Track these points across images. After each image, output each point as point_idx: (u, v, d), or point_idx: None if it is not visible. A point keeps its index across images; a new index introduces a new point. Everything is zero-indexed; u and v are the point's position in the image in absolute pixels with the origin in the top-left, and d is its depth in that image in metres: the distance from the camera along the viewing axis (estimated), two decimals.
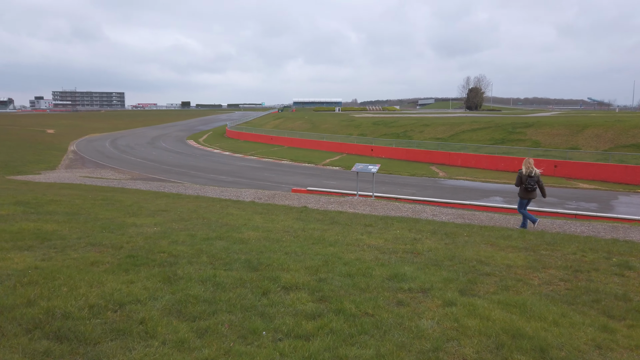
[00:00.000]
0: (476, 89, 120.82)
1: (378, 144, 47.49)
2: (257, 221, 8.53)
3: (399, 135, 51.24)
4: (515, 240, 7.18)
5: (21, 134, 61.13)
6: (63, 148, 50.41)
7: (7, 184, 17.84)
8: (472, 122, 49.86)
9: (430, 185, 29.27)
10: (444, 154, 40.79)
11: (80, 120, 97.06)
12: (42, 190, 14.32)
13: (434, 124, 52.41)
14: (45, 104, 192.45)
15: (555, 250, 6.58)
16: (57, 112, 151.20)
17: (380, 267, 5.24)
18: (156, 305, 3.81)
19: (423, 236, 7.34)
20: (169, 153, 48.50)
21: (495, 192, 26.70)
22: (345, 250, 6.03)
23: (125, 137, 67.76)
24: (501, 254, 6.19)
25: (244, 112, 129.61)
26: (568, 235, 8.34)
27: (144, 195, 13.90)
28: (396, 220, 9.59)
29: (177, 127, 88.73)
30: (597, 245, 6.98)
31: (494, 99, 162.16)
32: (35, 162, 37.49)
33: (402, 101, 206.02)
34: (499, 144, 40.89)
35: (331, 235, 7.14)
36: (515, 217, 12.67)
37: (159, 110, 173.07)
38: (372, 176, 17.18)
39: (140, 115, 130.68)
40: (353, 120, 65.24)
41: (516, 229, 9.46)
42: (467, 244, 6.80)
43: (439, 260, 5.67)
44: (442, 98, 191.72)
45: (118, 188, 17.36)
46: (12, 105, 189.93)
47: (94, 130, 76.06)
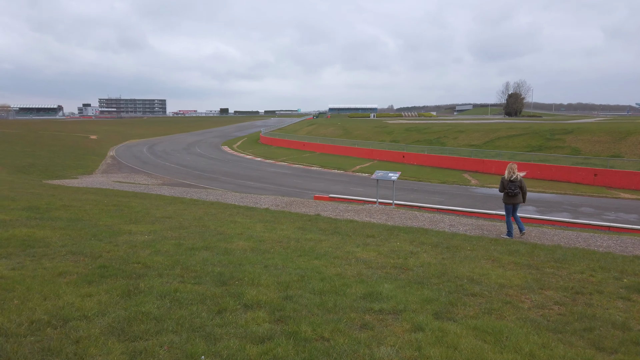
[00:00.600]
0: (516, 95, 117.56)
1: (410, 151, 46.74)
2: (256, 230, 8.34)
3: (432, 142, 50.28)
4: (521, 256, 6.69)
5: (66, 140, 63.56)
6: (102, 153, 52.05)
7: (37, 188, 18.40)
8: (509, 128, 48.35)
9: (460, 193, 28.44)
10: (477, 161, 39.69)
11: (122, 127, 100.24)
12: (65, 194, 14.65)
13: (469, 130, 51.15)
14: (92, 110, 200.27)
15: (562, 268, 6.06)
16: (102, 118, 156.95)
17: (358, 284, 4.92)
18: (102, 323, 3.65)
19: (422, 249, 6.95)
20: (203, 159, 49.28)
21: (528, 201, 25.55)
22: (330, 264, 5.74)
23: (163, 143, 69.44)
24: (498, 271, 5.74)
25: (279, 119, 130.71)
26: (584, 250, 7.73)
27: (159, 201, 13.99)
28: (403, 231, 9.19)
29: (213, 133, 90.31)
30: (612, 264, 6.40)
31: (534, 105, 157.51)
32: (75, 167, 38.83)
33: (440, 107, 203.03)
34: (535, 151, 39.45)
35: (324, 246, 6.85)
36: (538, 229, 12.00)
37: (197, 117, 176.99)
38: (393, 184, 16.73)
39: (180, 121, 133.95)
40: (386, 126, 64.55)
41: (528, 242, 8.87)
42: (465, 259, 6.37)
43: (426, 278, 5.29)
44: (480, 104, 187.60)
45: (140, 193, 17.60)
46: (61, 112, 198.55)
47: (134, 137, 78.33)
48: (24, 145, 51.16)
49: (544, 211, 22.62)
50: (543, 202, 25.18)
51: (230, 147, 64.32)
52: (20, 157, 40.99)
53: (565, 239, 10.28)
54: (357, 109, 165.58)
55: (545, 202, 25.21)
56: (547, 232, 11.37)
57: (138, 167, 40.06)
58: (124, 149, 57.91)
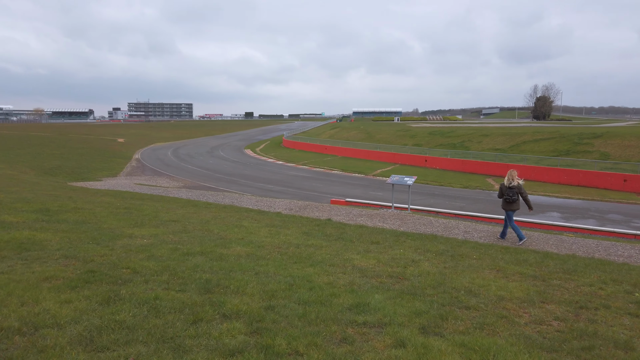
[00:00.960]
0: (544, 98, 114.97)
1: (432, 155, 46.11)
2: (259, 235, 8.22)
3: (456, 146, 49.48)
4: (529, 267, 6.37)
5: (94, 143, 65.01)
6: (128, 156, 52.99)
7: (58, 190, 18.75)
8: (535, 132, 47.23)
9: (482, 198, 27.83)
10: (501, 166, 38.82)
11: (148, 130, 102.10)
12: (81, 197, 14.86)
13: (494, 134, 50.19)
14: (122, 114, 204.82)
15: (570, 280, 5.73)
16: (130, 122, 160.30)
17: (348, 294, 4.72)
18: (72, 331, 3.56)
19: (425, 257, 6.70)
20: (225, 162, 49.67)
21: (553, 207, 24.92)
22: (323, 272, 5.56)
23: (188, 146, 70.35)
24: (501, 282, 5.46)
25: (303, 122, 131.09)
26: (599, 261, 7.34)
27: (172, 204, 14.04)
28: (411, 237, 8.93)
29: (237, 136, 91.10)
30: (626, 276, 6.03)
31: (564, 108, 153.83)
32: (101, 169, 39.61)
33: (465, 110, 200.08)
34: (563, 156, 38.36)
35: (323, 253, 6.68)
36: (558, 236, 11.55)
37: (223, 120, 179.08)
38: (409, 188, 16.42)
39: (205, 125, 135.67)
40: (409, 130, 63.92)
41: (540, 251, 8.49)
42: (468, 269, 6.10)
43: (421, 288, 5.06)
44: (507, 107, 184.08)
45: (156, 196, 17.74)
46: (92, 116, 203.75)
47: (159, 140, 79.64)
48: (53, 148, 52.52)
49: (569, 218, 21.90)
50: (569, 208, 24.41)
51: (253, 150, 64.70)
52: (49, 159, 42.05)
53: (584, 247, 9.85)
54: (381, 112, 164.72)
55: (570, 208, 24.43)
56: (565, 240, 10.93)
57: (161, 170, 40.60)
58: (149, 152, 58.86)
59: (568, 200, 27.33)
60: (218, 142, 77.11)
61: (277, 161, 51.28)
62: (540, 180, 35.40)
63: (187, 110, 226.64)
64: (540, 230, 13.68)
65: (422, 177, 37.95)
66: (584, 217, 22.19)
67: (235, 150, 64.10)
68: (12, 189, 16.32)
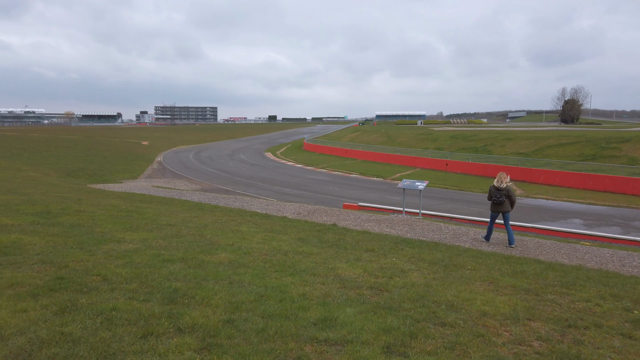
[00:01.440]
0: (573, 101, 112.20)
1: (454, 159, 45.32)
2: (252, 241, 8.03)
3: (478, 150, 48.57)
4: (525, 279, 5.99)
5: (118, 146, 66.23)
6: (150, 159, 53.76)
7: (72, 192, 19.00)
8: (560, 136, 45.94)
9: None
10: (524, 170, 37.89)
11: (173, 133, 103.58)
12: (90, 199, 14.98)
13: (518, 137, 49.06)
14: (149, 117, 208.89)
15: (567, 294, 5.34)
16: (157, 125, 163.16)
17: (319, 307, 4.47)
18: (13, 344, 3.42)
19: (416, 267, 6.38)
20: (245, 165, 49.90)
21: (575, 213, 24.09)
22: (300, 283, 5.32)
23: (210, 149, 71.03)
24: (489, 295, 5.11)
25: (325, 126, 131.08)
26: (605, 273, 6.88)
27: (178, 207, 14.01)
28: (410, 244, 8.60)
29: (259, 140, 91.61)
30: (629, 291, 5.60)
31: (595, 112, 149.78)
32: (122, 171, 40.22)
33: (491, 114, 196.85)
34: (589, 161, 37.18)
35: (309, 261, 6.43)
36: (570, 245, 11.03)
37: (246, 123, 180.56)
38: (420, 193, 16.04)
39: (229, 128, 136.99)
40: (430, 133, 63.09)
41: (544, 262, 8.02)
42: (458, 280, 5.76)
43: (399, 302, 4.75)
44: (535, 111, 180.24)
45: (166, 199, 17.79)
46: (120, 119, 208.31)
47: (183, 142, 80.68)
48: (79, 150, 53.66)
49: (591, 225, 21.10)
50: (592, 215, 23.55)
51: (274, 153, 64.86)
52: (73, 161, 42.94)
53: (597, 257, 9.35)
54: (404, 115, 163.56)
55: (594, 215, 23.57)
56: (579, 249, 10.42)
57: (181, 173, 40.99)
58: (172, 155, 59.61)
59: (592, 206, 26.39)
60: (240, 145, 77.64)
61: (296, 164, 51.25)
62: (565, 185, 34.36)
63: (212, 114, 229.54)
64: (555, 238, 13.13)
65: (441, 182, 37.31)
66: (607, 224, 21.35)
67: (255, 154, 64.38)
68: (26, 191, 16.59)
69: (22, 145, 53.06)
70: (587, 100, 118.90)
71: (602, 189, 31.69)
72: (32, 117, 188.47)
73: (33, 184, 22.07)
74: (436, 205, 26.10)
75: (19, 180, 23.87)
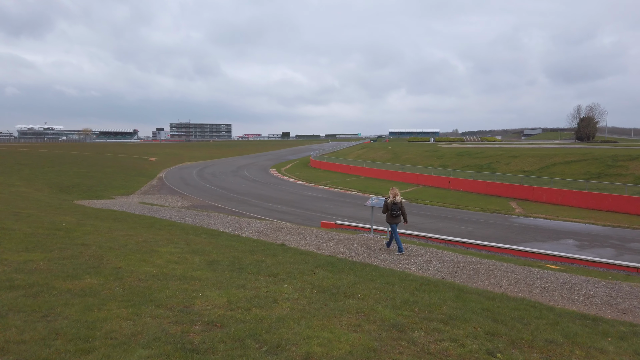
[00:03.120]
0: (588, 119, 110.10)
1: (457, 176, 44.31)
2: (150, 263, 7.28)
3: (483, 167, 47.49)
4: (407, 311, 5.13)
5: (124, 162, 66.59)
6: (152, 175, 53.75)
7: (42, 208, 18.65)
8: (567, 154, 44.65)
9: (496, 223, 26.06)
10: (527, 189, 36.73)
11: (183, 150, 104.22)
12: (48, 215, 14.56)
13: (523, 155, 47.87)
14: (164, 134, 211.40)
15: (439, 331, 4.51)
16: (171, 141, 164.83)
17: (106, 348, 3.75)
18: None
19: (299, 295, 5.61)
20: (245, 181, 49.50)
21: (571, 233, 22.94)
22: (129, 316, 4.54)
23: (215, 165, 71.02)
24: (340, 332, 4.30)
25: (337, 142, 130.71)
26: (523, 303, 6.01)
27: (128, 225, 13.46)
28: (329, 268, 7.82)
29: (267, 156, 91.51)
30: (515, 329, 4.74)
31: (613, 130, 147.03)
32: (119, 187, 40.08)
33: (507, 131, 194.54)
34: (594, 179, 35.91)
35: (178, 289, 5.62)
36: (525, 269, 10.13)
37: (259, 140, 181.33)
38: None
39: (240, 145, 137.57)
40: (436, 150, 62.13)
41: (458, 288, 7.14)
42: (329, 312, 4.97)
43: (216, 343, 3.96)
44: (551, 128, 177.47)
45: (134, 215, 17.30)
46: (136, 136, 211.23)
47: (190, 159, 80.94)
48: (82, 166, 53.93)
49: (584, 246, 19.98)
50: (588, 235, 22.40)
51: (279, 170, 64.49)
52: (72, 177, 43.02)
53: (547, 283, 8.50)
54: (417, 133, 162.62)
55: (589, 235, 22.40)
56: (533, 273, 9.56)
57: (178, 189, 40.71)
58: (175, 171, 59.61)
59: (591, 226, 25.19)
60: (246, 162, 77.53)
61: (297, 181, 50.71)
62: (568, 204, 33.11)
63: (226, 131, 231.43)
64: (521, 261, 12.20)
65: (440, 199, 36.32)
66: (602, 245, 20.19)
67: (260, 170, 64.07)
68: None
69: (27, 160, 53.58)
70: (603, 117, 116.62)
71: (605, 209, 30.43)
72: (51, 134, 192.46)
73: (11, 199, 21.83)
74: (426, 223, 25.19)
75: (1, 196, 23.69)
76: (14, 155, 59.13)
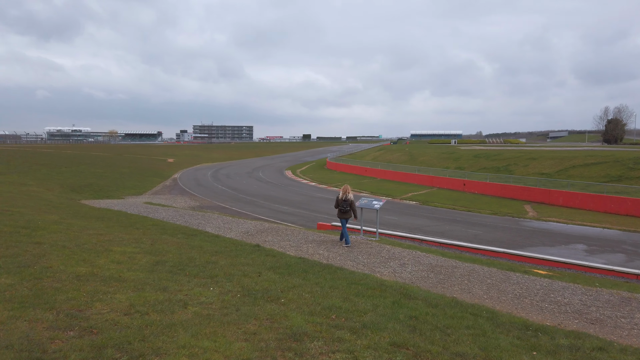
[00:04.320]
0: (616, 121, 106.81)
1: (472, 178, 43.30)
2: (93, 263, 6.97)
3: (500, 169, 46.27)
4: (333, 319, 4.67)
5: (142, 162, 67.39)
6: (167, 175, 54.15)
7: (40, 209, 18.76)
8: (587, 156, 43.14)
9: (505, 226, 25.19)
10: (543, 192, 35.58)
11: (202, 151, 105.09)
12: (40, 215, 14.56)
13: (542, 157, 46.47)
14: (188, 136, 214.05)
15: (336, 341, 4.03)
16: (193, 143, 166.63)
17: None
18: None
19: (216, 299, 5.12)
20: (258, 182, 49.40)
21: (582, 238, 21.96)
22: None
23: (231, 166, 71.27)
24: (220, 342, 3.88)
25: (356, 145, 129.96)
26: (451, 312, 5.45)
27: (109, 224, 13.31)
28: (280, 271, 7.32)
29: (285, 158, 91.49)
30: (423, 335, 4.22)
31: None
32: (131, 187, 40.38)
33: (532, 134, 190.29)
34: (614, 182, 34.52)
35: (75, 293, 5.19)
36: (504, 273, 9.51)
37: (279, 142, 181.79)
38: (377, 213, 14.76)
39: (260, 146, 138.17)
40: (454, 152, 60.96)
41: (404, 293, 6.62)
42: (237, 317, 4.55)
43: (69, 349, 3.56)
44: (577, 131, 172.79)
45: (125, 214, 17.22)
46: (160, 138, 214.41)
47: (207, 160, 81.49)
48: (99, 167, 54.69)
49: (594, 251, 19.06)
50: (600, 240, 21.40)
51: (294, 171, 64.28)
52: (87, 177, 43.58)
53: (522, 289, 7.92)
54: (439, 135, 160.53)
55: (602, 240, 21.40)
56: (511, 278, 8.92)
57: (189, 189, 40.83)
58: (190, 172, 59.99)
59: (605, 230, 24.10)
60: (263, 163, 77.61)
61: (310, 183, 50.37)
62: (585, 208, 31.90)
63: (248, 133, 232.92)
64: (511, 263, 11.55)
65: (452, 202, 35.43)
66: (613, 251, 19.22)
67: (275, 172, 63.98)
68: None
69: (46, 161, 54.64)
70: (631, 119, 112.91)
71: (623, 212, 29.18)
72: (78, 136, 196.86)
73: (13, 197, 22.06)
74: (432, 226, 24.51)
75: (7, 195, 24.00)
76: (36, 156, 60.44)
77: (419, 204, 34.64)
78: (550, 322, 6.05)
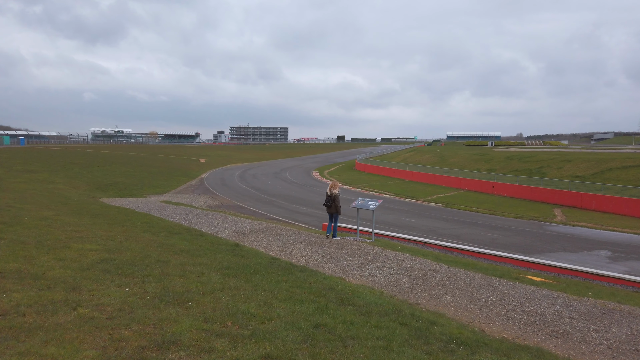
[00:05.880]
0: None
1: (501, 181, 41.78)
2: (16, 263, 6.74)
3: (532, 172, 44.45)
4: (229, 325, 4.19)
5: (173, 162, 68.60)
6: (195, 175, 54.80)
7: (52, 205, 19.11)
8: (625, 158, 40.83)
9: (528, 230, 23.98)
10: (575, 195, 33.88)
11: (235, 152, 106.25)
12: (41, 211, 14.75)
13: (577, 159, 44.34)
14: (225, 137, 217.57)
15: (209, 352, 3.57)
16: (229, 144, 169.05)
17: None
18: None
19: (116, 302, 4.77)
20: (283, 183, 49.31)
21: (609, 244, 20.60)
22: None
23: (261, 167, 71.59)
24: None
25: (390, 146, 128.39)
26: (394, 316, 4.87)
27: (103, 220, 13.30)
28: (232, 271, 6.97)
29: (315, 159, 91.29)
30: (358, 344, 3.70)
31: None
32: (156, 186, 40.97)
33: (576, 136, 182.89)
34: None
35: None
36: (487, 279, 8.79)
37: (314, 143, 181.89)
38: (372, 214, 14.21)
39: (293, 147, 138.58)
40: (485, 154, 59.09)
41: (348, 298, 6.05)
42: (120, 321, 4.17)
43: None
44: (625, 132, 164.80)
45: (135, 212, 17.31)
46: (198, 139, 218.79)
47: (238, 160, 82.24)
48: (131, 166, 55.93)
49: (618, 258, 17.79)
50: (628, 247, 20.02)
51: (321, 173, 63.95)
52: (116, 176, 44.57)
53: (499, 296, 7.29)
54: (477, 136, 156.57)
55: (630, 247, 20.02)
56: (493, 283, 8.20)
57: (212, 189, 41.09)
58: (218, 172, 60.56)
59: (635, 236, 22.60)
60: (292, 164, 77.64)
61: None
62: (619, 212, 30.13)
63: (283, 134, 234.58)
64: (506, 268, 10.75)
65: (477, 204, 34.20)
66: (639, 258, 17.89)
67: (302, 172, 63.81)
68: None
69: (80, 160, 56.33)
70: None
71: None
72: (121, 137, 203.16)
73: (31, 194, 22.61)
74: (449, 229, 23.60)
75: (30, 192, 24.66)
76: (73, 155, 62.46)
77: (441, 206, 33.62)
78: (508, 334, 5.41)
